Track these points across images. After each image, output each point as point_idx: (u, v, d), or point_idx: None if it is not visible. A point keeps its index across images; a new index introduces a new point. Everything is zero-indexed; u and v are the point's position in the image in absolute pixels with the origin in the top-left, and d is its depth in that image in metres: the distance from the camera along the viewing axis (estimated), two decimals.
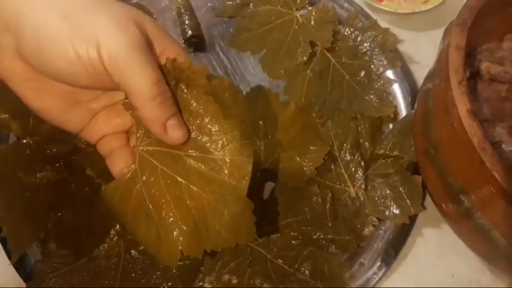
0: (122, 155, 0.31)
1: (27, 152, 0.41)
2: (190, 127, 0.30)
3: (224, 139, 0.29)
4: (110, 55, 0.26)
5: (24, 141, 0.41)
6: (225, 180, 0.29)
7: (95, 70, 0.26)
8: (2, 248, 0.40)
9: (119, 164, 0.31)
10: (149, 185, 0.30)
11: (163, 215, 0.29)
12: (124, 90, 0.27)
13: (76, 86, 0.29)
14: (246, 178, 0.29)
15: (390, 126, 0.44)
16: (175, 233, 0.29)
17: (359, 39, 0.48)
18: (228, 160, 0.29)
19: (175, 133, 0.29)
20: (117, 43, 0.26)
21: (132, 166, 0.30)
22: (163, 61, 0.29)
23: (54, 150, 0.42)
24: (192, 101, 0.29)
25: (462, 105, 0.30)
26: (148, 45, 0.28)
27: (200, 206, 0.29)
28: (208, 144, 0.29)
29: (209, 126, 0.29)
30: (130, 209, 0.30)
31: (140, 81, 0.27)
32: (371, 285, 0.39)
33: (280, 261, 0.39)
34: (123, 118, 0.31)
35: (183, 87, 0.29)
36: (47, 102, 0.30)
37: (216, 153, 0.29)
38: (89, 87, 0.29)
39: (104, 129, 0.32)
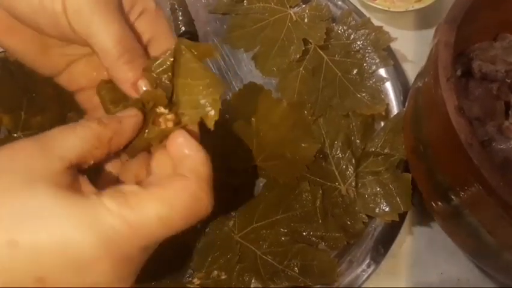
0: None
1: None
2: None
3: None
4: (74, 9, 0.25)
5: (15, 135, 0.41)
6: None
7: (59, 23, 0.26)
8: None
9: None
10: None
11: None
12: (91, 48, 0.27)
13: (43, 34, 0.28)
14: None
15: (382, 124, 0.44)
16: None
17: (352, 37, 0.48)
18: None
19: None
20: None
21: None
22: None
23: None
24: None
25: (450, 101, 0.30)
26: (117, 1, 0.27)
27: None
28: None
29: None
30: None
31: (105, 38, 0.26)
32: (359, 283, 0.39)
33: (270, 257, 0.39)
34: (100, 72, 0.30)
35: None
36: (19, 43, 0.29)
37: None
38: (57, 38, 0.28)
39: (81, 81, 0.31)
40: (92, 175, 0.25)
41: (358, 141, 0.43)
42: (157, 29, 0.29)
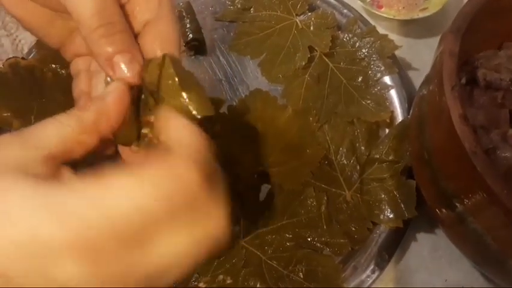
0: (85, 79, 0.30)
1: None
2: None
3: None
4: None
5: None
6: None
7: None
8: None
9: (80, 86, 0.30)
10: None
11: None
12: (72, 17, 0.25)
13: (41, 5, 0.28)
14: None
15: (387, 131, 0.45)
16: None
17: (357, 45, 0.48)
18: None
19: (121, 72, 0.26)
20: None
21: None
22: None
23: None
24: None
25: (454, 110, 0.30)
26: None
27: None
28: None
29: None
30: None
31: (82, 8, 0.24)
32: None
33: (275, 262, 0.39)
34: None
35: None
36: (28, 14, 0.28)
37: None
38: (51, 9, 0.28)
39: (78, 50, 0.30)
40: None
41: (363, 147, 0.43)
42: (160, 10, 0.28)
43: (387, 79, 0.47)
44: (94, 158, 0.25)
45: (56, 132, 0.22)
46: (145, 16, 0.28)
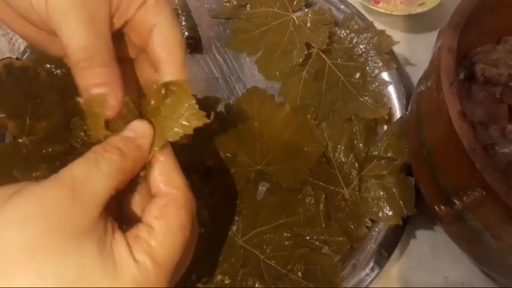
0: None
1: (24, 151, 0.41)
2: None
3: None
4: (51, 7, 0.25)
5: (21, 140, 0.42)
6: None
7: (41, 15, 0.26)
8: None
9: None
10: None
11: None
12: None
13: (34, 25, 0.28)
14: None
15: (385, 127, 0.44)
16: None
17: (354, 41, 0.48)
18: None
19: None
20: None
21: None
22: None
23: (50, 150, 0.42)
24: None
25: (453, 106, 0.30)
26: (104, 5, 0.26)
27: None
28: None
29: None
30: None
31: (70, 41, 0.26)
32: (363, 287, 0.39)
33: (273, 261, 0.39)
34: None
35: None
36: (27, 29, 0.30)
37: None
38: (48, 33, 0.28)
39: None
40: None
41: (361, 145, 0.43)
42: (159, 17, 0.29)
43: (385, 75, 0.46)
44: None
45: (105, 183, 0.23)
46: (151, 23, 0.29)
